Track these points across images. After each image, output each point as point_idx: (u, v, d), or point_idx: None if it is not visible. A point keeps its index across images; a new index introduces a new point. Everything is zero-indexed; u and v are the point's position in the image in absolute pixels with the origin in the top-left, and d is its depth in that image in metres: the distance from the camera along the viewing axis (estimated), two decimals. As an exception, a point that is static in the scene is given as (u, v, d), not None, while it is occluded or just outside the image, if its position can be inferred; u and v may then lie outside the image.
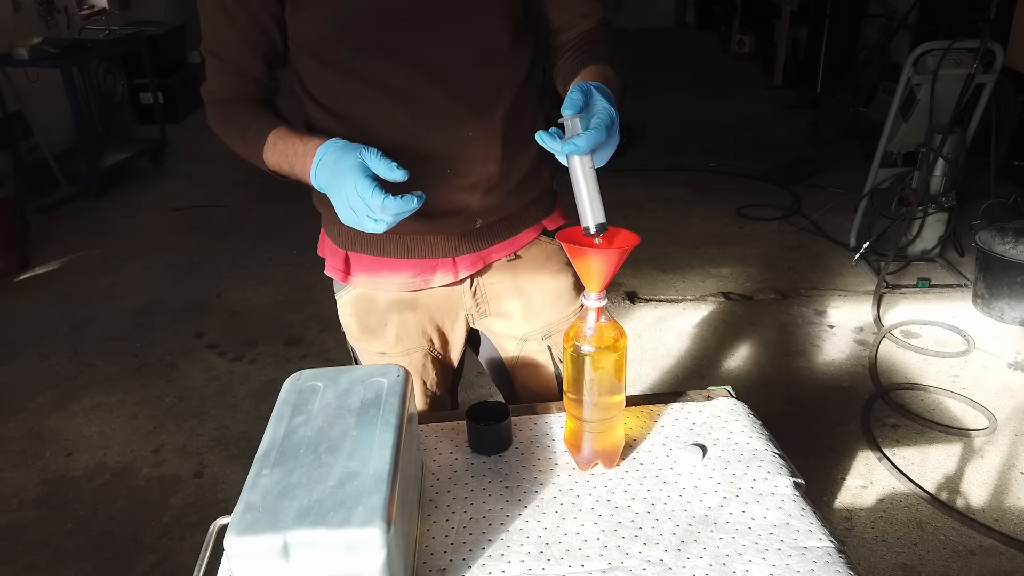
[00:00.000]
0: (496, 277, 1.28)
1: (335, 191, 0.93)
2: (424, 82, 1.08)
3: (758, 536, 0.93)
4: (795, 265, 3.59)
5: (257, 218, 4.32)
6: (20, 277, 3.67)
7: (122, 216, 4.41)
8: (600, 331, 0.98)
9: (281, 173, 1.07)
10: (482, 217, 1.19)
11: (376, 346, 1.29)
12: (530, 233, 1.27)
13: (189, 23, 6.41)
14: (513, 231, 1.25)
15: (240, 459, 2.42)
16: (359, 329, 1.29)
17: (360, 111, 1.10)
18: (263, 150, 1.06)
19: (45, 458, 2.46)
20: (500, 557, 0.91)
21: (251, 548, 0.74)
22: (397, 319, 1.26)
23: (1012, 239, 3.11)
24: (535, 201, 1.26)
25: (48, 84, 4.48)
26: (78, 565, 2.07)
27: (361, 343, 1.31)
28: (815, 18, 6.18)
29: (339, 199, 0.92)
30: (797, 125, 5.50)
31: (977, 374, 2.74)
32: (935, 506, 2.16)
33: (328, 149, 0.96)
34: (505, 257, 1.26)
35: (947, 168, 3.31)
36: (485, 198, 1.17)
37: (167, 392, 2.78)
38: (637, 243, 0.95)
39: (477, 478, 1.04)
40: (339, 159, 0.92)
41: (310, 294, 3.44)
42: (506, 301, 1.29)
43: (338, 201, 0.93)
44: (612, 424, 1.03)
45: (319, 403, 0.91)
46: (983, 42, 3.17)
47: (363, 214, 0.90)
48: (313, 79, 1.12)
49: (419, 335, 1.28)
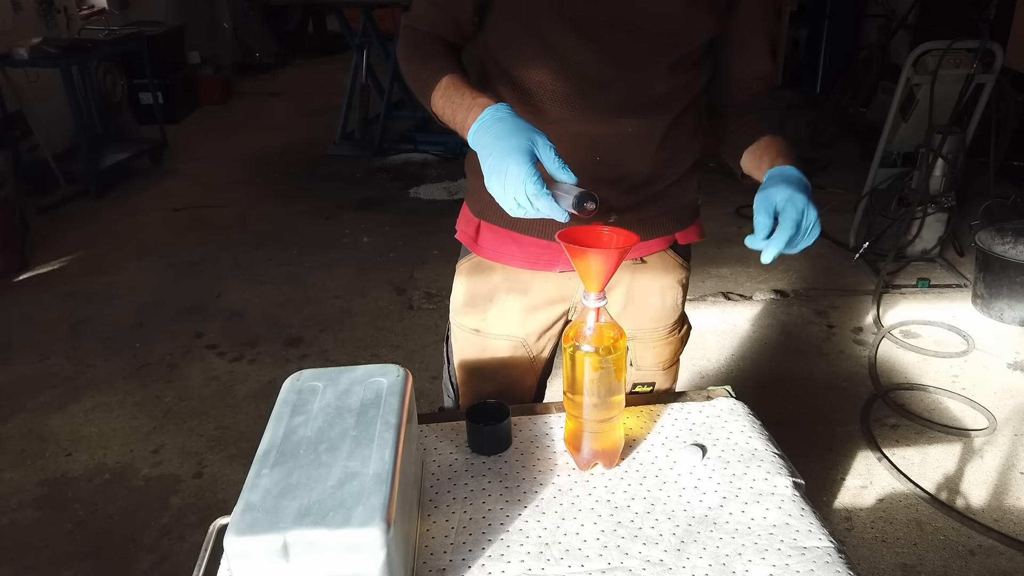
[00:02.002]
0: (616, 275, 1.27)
1: (494, 160, 0.91)
2: (607, 69, 1.08)
3: (758, 536, 0.93)
4: (795, 265, 3.59)
5: (257, 218, 4.32)
6: (20, 277, 3.67)
7: (122, 216, 4.41)
8: (600, 331, 0.98)
9: (443, 120, 1.07)
10: (618, 213, 1.15)
11: (472, 321, 1.29)
12: (660, 243, 1.27)
13: (189, 23, 6.42)
14: (646, 236, 1.21)
15: (240, 459, 2.42)
16: (464, 299, 1.30)
17: (537, 79, 1.10)
18: (433, 91, 1.06)
19: (45, 458, 2.46)
20: (500, 557, 0.91)
21: (251, 548, 0.74)
22: (504, 298, 1.26)
23: (1011, 239, 3.11)
24: (675, 211, 1.26)
25: (48, 84, 4.48)
26: (77, 565, 2.06)
27: (460, 316, 1.31)
28: (814, 18, 6.19)
29: (496, 170, 0.91)
30: (797, 125, 5.50)
31: (977, 374, 2.74)
32: (935, 506, 2.16)
33: (497, 114, 0.94)
34: (631, 260, 1.26)
35: (947, 168, 3.31)
36: (626, 195, 1.18)
37: (167, 392, 2.78)
38: (636, 243, 0.95)
39: (477, 478, 1.04)
40: (510, 133, 0.91)
41: (310, 294, 3.45)
42: (613, 301, 1.28)
43: (493, 170, 0.91)
44: (612, 424, 1.03)
45: (319, 403, 0.91)
46: (982, 42, 3.18)
47: (512, 195, 0.89)
48: (503, 40, 1.13)
49: (517, 325, 1.28)
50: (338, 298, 3.40)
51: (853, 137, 4.92)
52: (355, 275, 3.61)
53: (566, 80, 1.09)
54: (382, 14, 5.02)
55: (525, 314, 1.27)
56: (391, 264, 3.71)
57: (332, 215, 4.34)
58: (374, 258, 3.79)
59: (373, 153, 5.20)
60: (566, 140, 1.04)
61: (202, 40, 6.77)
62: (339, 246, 3.95)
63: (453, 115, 1.02)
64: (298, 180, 4.93)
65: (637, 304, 1.28)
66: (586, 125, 1.11)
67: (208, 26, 7.20)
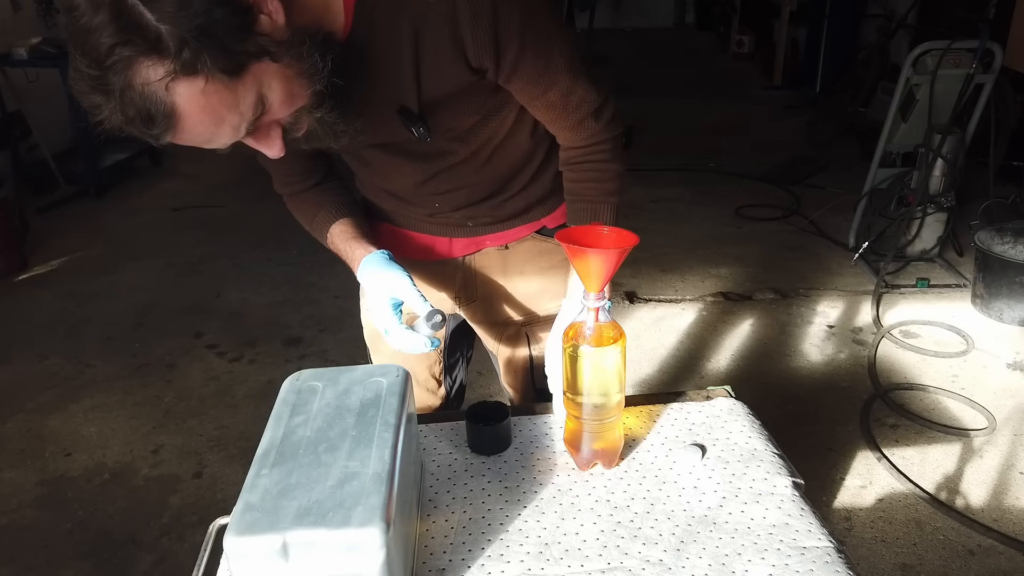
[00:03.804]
0: (487, 261, 1.32)
1: (371, 303, 1.12)
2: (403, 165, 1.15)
3: (757, 536, 0.93)
4: (794, 265, 3.59)
5: (257, 218, 4.32)
6: (19, 277, 3.67)
7: (121, 216, 4.41)
8: (599, 331, 0.98)
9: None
10: (472, 220, 1.26)
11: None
12: (523, 230, 1.30)
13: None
14: (505, 228, 1.29)
15: (239, 459, 2.42)
16: None
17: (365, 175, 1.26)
18: (327, 242, 1.23)
19: (44, 458, 2.46)
20: (500, 557, 0.91)
21: (250, 548, 0.73)
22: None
23: (1011, 239, 3.11)
24: (534, 206, 1.28)
25: (47, 84, 4.47)
26: (77, 565, 2.06)
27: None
28: (814, 18, 6.18)
29: (372, 310, 1.12)
30: (796, 125, 5.51)
31: (976, 374, 2.74)
32: (934, 506, 2.16)
33: (367, 267, 1.13)
34: (496, 247, 1.31)
35: (946, 168, 3.31)
36: (472, 210, 1.24)
37: (166, 392, 2.78)
38: (636, 243, 0.95)
39: (476, 478, 1.04)
40: (376, 285, 1.11)
41: (309, 294, 3.45)
42: (493, 286, 1.33)
43: (370, 309, 1.12)
44: (611, 424, 1.03)
45: (318, 403, 0.91)
46: (982, 42, 3.18)
47: (381, 326, 1.10)
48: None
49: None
50: (338, 298, 3.40)
51: (853, 137, 4.92)
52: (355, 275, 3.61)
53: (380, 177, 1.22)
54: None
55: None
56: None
57: (332, 215, 4.33)
58: (374, 258, 3.78)
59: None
60: (400, 203, 1.25)
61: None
62: (339, 246, 3.94)
63: (343, 257, 1.20)
64: (298, 180, 4.93)
65: (518, 288, 1.33)
66: (412, 194, 1.22)
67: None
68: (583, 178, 1.15)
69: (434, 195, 1.20)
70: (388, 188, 1.24)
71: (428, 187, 1.18)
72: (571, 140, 1.13)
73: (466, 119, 1.08)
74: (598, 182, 1.15)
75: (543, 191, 1.27)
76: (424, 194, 1.20)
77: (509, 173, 1.21)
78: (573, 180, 1.17)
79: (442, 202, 1.22)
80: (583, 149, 1.13)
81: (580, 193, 1.17)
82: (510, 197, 1.24)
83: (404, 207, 1.26)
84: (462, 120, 1.08)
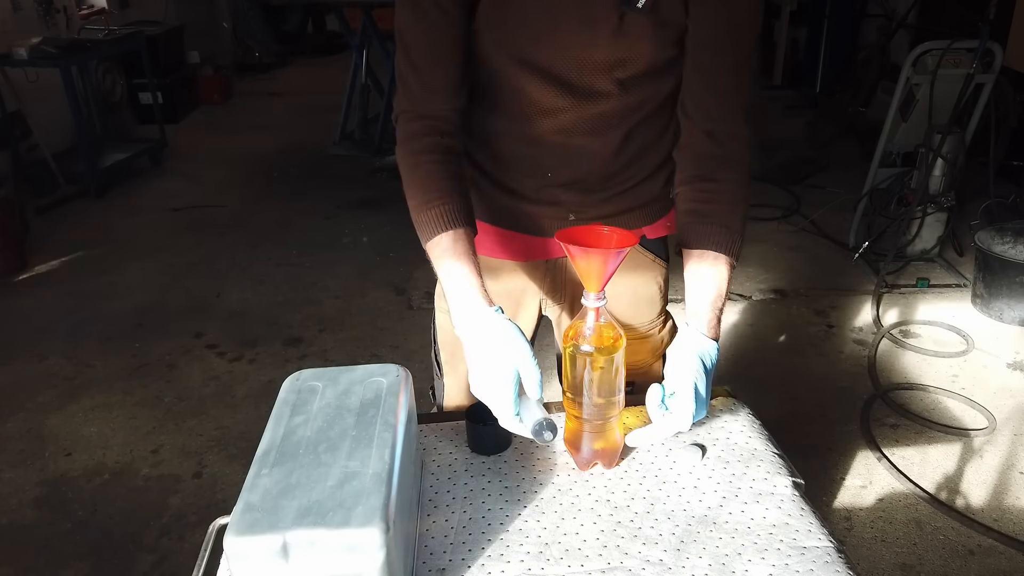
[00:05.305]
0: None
1: (484, 370, 0.97)
2: (557, 100, 1.09)
3: (757, 536, 0.93)
4: (794, 265, 3.59)
5: (257, 218, 4.32)
6: (19, 277, 3.67)
7: (121, 216, 4.41)
8: (599, 331, 0.98)
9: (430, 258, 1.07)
10: (575, 213, 1.21)
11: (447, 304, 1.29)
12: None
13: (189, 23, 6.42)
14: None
15: (239, 459, 2.42)
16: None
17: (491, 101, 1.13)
18: (430, 240, 1.06)
19: (44, 458, 2.46)
20: (500, 557, 0.91)
21: (250, 548, 0.73)
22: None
23: (1011, 239, 3.11)
24: (638, 207, 1.26)
25: (47, 84, 4.48)
26: (77, 565, 2.06)
27: (439, 299, 1.33)
28: (814, 18, 6.18)
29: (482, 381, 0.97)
30: (796, 125, 5.51)
31: (976, 374, 2.74)
32: (934, 506, 2.16)
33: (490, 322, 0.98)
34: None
35: (946, 168, 3.31)
36: (581, 196, 1.20)
37: (166, 392, 2.78)
38: (636, 243, 0.95)
39: (476, 478, 1.04)
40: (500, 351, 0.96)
41: (310, 294, 3.45)
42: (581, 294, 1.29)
43: (480, 377, 0.97)
44: (611, 424, 1.03)
45: (318, 403, 0.91)
46: (982, 42, 3.18)
47: (491, 405, 0.97)
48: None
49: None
50: (338, 298, 3.40)
51: (853, 137, 4.92)
52: (355, 275, 3.61)
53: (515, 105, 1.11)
54: (381, 14, 5.02)
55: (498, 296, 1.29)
56: (391, 264, 3.71)
57: (332, 215, 4.34)
58: (374, 258, 3.79)
59: (373, 153, 5.20)
60: (516, 158, 1.14)
61: (202, 40, 6.77)
62: (339, 246, 3.95)
63: (445, 283, 1.04)
64: (298, 180, 4.93)
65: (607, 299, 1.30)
66: (534, 147, 1.14)
67: (207, 26, 7.20)
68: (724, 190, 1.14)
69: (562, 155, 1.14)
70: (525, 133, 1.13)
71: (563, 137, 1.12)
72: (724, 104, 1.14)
73: (658, 45, 1.05)
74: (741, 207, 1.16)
75: (654, 191, 1.25)
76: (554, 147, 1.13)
77: (639, 151, 1.17)
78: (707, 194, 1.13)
79: (561, 170, 1.15)
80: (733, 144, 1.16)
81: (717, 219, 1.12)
82: (623, 190, 1.21)
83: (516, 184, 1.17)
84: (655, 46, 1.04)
